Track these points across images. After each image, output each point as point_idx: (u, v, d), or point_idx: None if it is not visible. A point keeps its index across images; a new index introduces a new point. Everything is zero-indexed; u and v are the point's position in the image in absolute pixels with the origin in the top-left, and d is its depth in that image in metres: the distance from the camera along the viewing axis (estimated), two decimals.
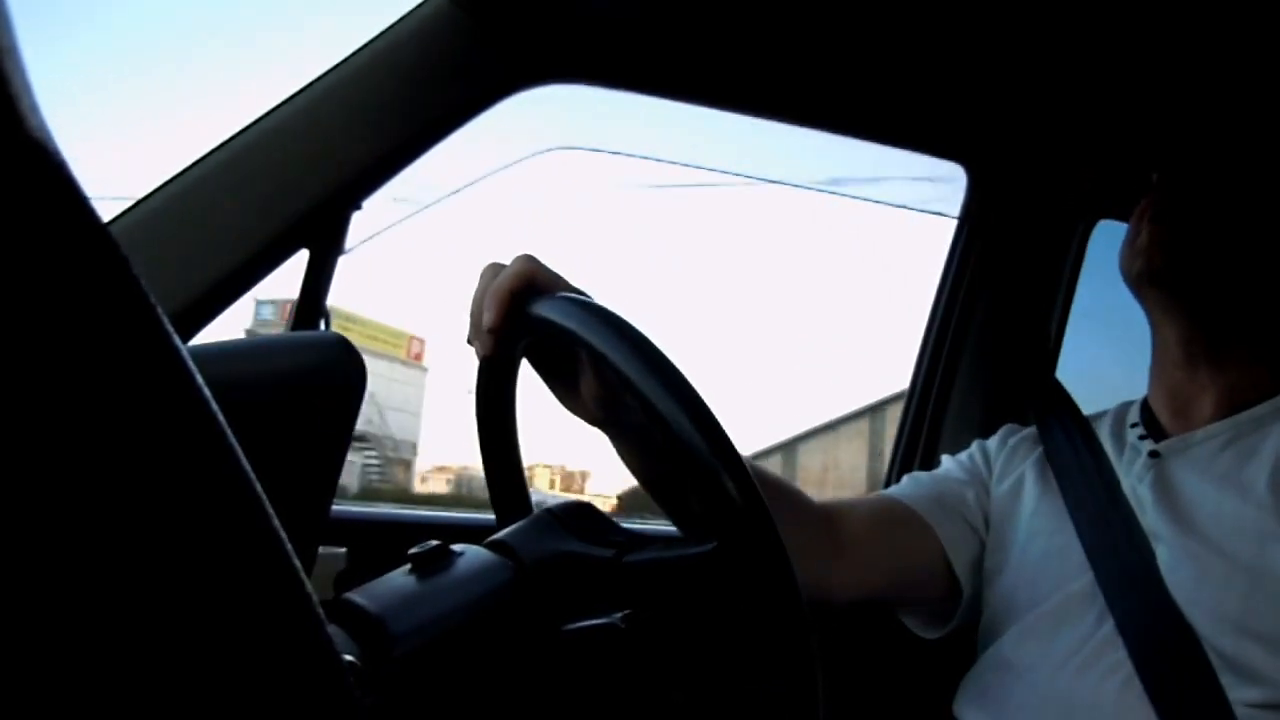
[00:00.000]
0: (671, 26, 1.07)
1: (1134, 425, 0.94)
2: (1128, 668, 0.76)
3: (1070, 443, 0.94)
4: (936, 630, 0.98)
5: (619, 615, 0.62)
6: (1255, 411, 0.86)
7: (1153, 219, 0.88)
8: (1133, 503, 0.85)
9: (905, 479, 1.03)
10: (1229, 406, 0.87)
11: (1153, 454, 0.88)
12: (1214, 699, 0.72)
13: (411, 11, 0.99)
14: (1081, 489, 0.89)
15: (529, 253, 0.60)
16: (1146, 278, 0.88)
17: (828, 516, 0.89)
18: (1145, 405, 0.96)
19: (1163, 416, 0.93)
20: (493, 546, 0.62)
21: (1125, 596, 0.80)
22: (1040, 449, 0.97)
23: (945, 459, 1.07)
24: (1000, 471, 0.99)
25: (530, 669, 0.60)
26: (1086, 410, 1.03)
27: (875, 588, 0.93)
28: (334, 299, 1.01)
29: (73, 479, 0.21)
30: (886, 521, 0.94)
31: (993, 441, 1.05)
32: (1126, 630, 0.78)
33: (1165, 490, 0.84)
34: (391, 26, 0.99)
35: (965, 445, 1.08)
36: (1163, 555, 0.80)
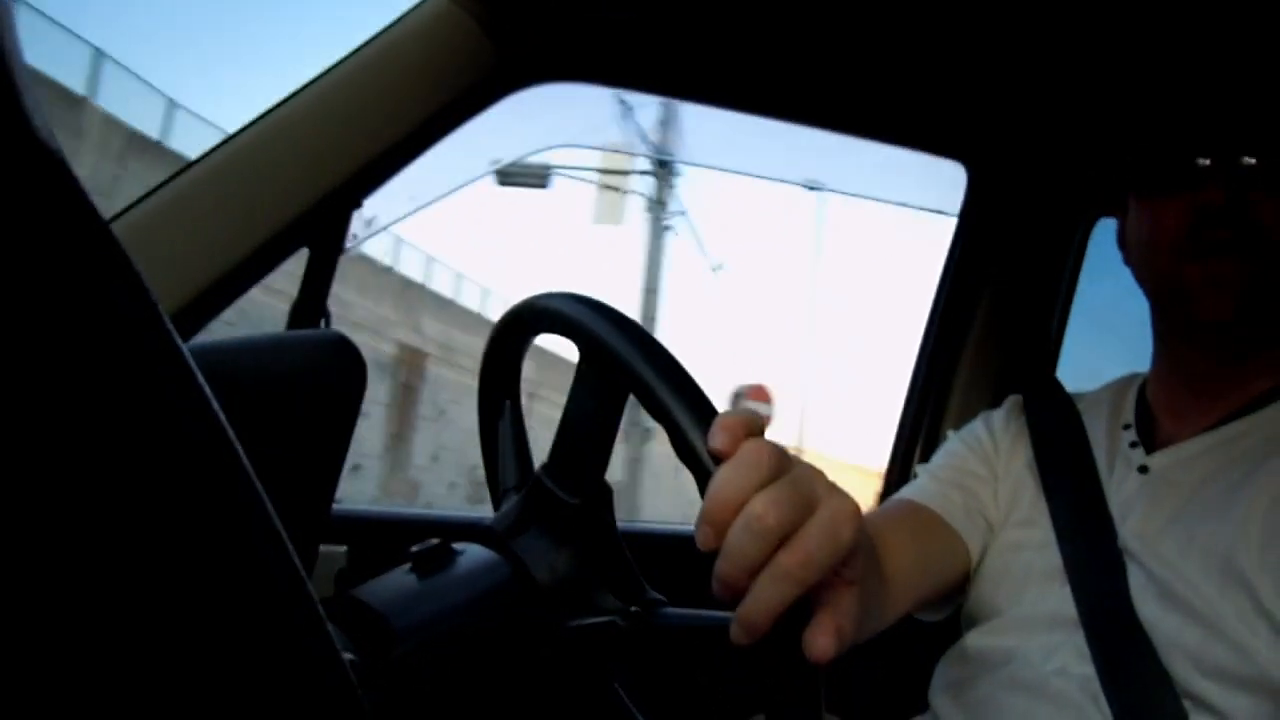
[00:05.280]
0: (671, 25, 1.07)
1: (1127, 427, 0.91)
2: (1093, 679, 0.77)
3: (1064, 453, 0.92)
4: (941, 614, 0.97)
5: (620, 614, 0.62)
6: (1243, 425, 0.83)
7: (1231, 248, 0.77)
8: (1115, 514, 0.84)
9: (925, 477, 0.98)
10: (1235, 411, 0.84)
11: (1142, 469, 0.86)
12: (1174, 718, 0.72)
13: (412, 10, 0.99)
14: (1068, 500, 0.87)
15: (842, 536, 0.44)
16: (1232, 322, 0.79)
17: (875, 552, 0.82)
18: (1142, 398, 0.93)
19: (1162, 419, 0.90)
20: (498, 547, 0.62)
21: (1097, 612, 0.79)
22: (1033, 453, 0.95)
23: (955, 442, 1.02)
24: (1005, 462, 0.97)
25: (531, 666, 0.60)
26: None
27: (913, 610, 0.91)
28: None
29: (73, 476, 0.21)
30: (927, 543, 0.90)
31: (998, 417, 1.01)
32: (1095, 644, 0.78)
33: (1147, 510, 0.82)
34: (392, 25, 0.99)
35: None
36: (1134, 575, 0.79)
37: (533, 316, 0.67)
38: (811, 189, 1.61)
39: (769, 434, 0.46)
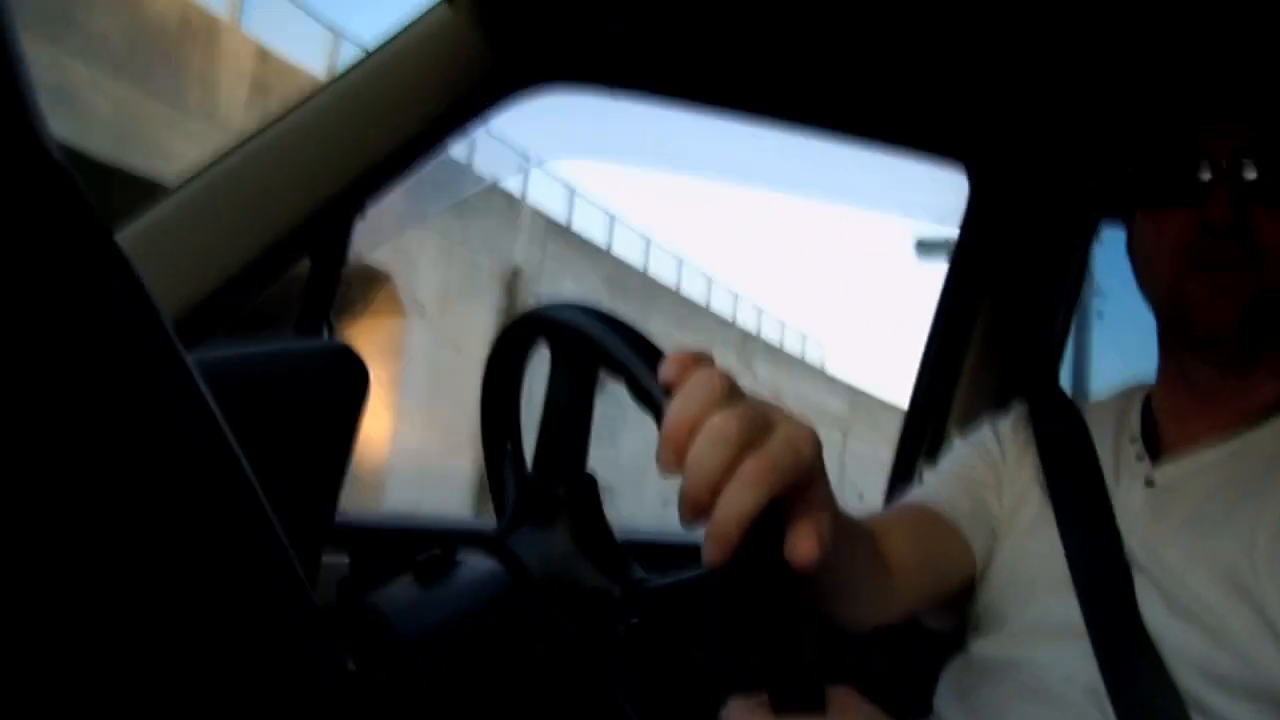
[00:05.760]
0: (672, 32, 1.07)
1: (1133, 439, 0.91)
2: (1100, 687, 0.77)
3: (1070, 462, 0.91)
4: (950, 623, 0.97)
5: (620, 622, 0.62)
6: (1252, 437, 0.82)
7: (1234, 263, 0.78)
8: (1122, 526, 0.84)
9: (932, 479, 0.99)
10: (1240, 422, 0.84)
11: (1148, 482, 0.86)
12: None
13: (414, 20, 0.99)
14: (1075, 509, 0.87)
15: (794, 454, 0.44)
16: (1224, 338, 0.80)
17: (874, 539, 0.83)
18: (1148, 409, 0.93)
19: (1168, 429, 0.89)
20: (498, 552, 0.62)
21: (1103, 621, 0.79)
22: (1039, 462, 0.94)
23: (962, 446, 1.02)
24: (1012, 470, 0.97)
25: (533, 673, 0.60)
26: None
27: (917, 607, 0.91)
28: None
29: (76, 483, 0.21)
30: (930, 540, 0.90)
31: (1005, 425, 1.01)
32: (1101, 653, 0.78)
33: (1153, 521, 0.83)
34: (395, 35, 0.99)
35: None
36: (1140, 585, 0.80)
37: (521, 332, 0.70)
38: None
39: None
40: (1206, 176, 0.80)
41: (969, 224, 1.40)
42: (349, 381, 0.67)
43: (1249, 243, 0.78)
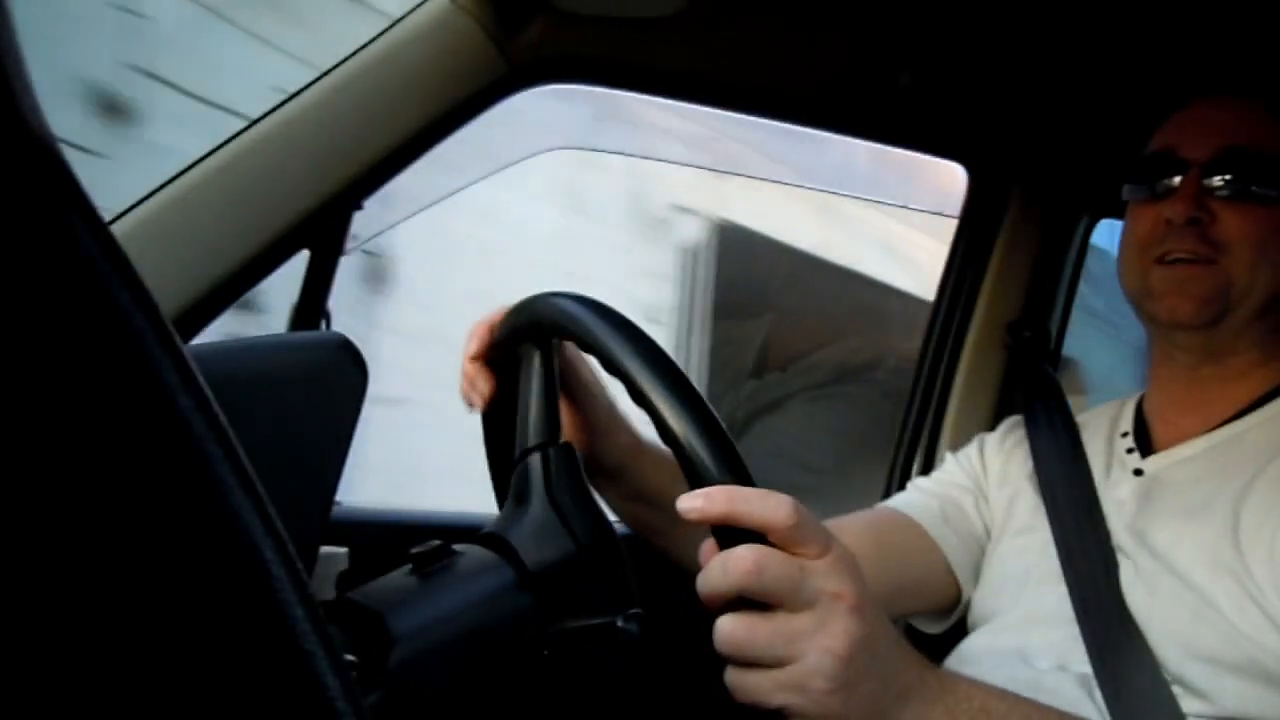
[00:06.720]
0: (675, 28, 1.07)
1: (1124, 434, 0.94)
2: (1089, 672, 0.79)
3: (1061, 459, 0.94)
4: (939, 625, 1.00)
5: (619, 615, 0.62)
6: (1237, 427, 0.86)
7: (1193, 260, 0.82)
8: (1110, 514, 0.87)
9: (910, 488, 1.04)
10: (1224, 417, 0.87)
11: (1137, 471, 0.89)
12: (1167, 711, 0.74)
13: (412, 11, 0.99)
14: (1065, 503, 0.90)
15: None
16: (1184, 325, 0.85)
17: None
18: (1140, 410, 0.96)
19: (1157, 426, 0.93)
20: (494, 544, 0.62)
21: (1090, 605, 0.82)
22: (1032, 462, 0.98)
23: (948, 458, 1.08)
24: (998, 477, 1.00)
25: (531, 667, 0.60)
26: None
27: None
28: None
29: (72, 478, 0.21)
30: (886, 535, 0.93)
31: (992, 439, 1.06)
32: (1088, 636, 0.80)
33: (1141, 508, 0.86)
34: (392, 26, 0.99)
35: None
36: (1126, 569, 0.83)
37: (509, 330, 0.74)
38: None
39: None
40: (1177, 179, 0.84)
41: (966, 219, 1.40)
42: (348, 374, 0.67)
43: (1210, 237, 0.82)
